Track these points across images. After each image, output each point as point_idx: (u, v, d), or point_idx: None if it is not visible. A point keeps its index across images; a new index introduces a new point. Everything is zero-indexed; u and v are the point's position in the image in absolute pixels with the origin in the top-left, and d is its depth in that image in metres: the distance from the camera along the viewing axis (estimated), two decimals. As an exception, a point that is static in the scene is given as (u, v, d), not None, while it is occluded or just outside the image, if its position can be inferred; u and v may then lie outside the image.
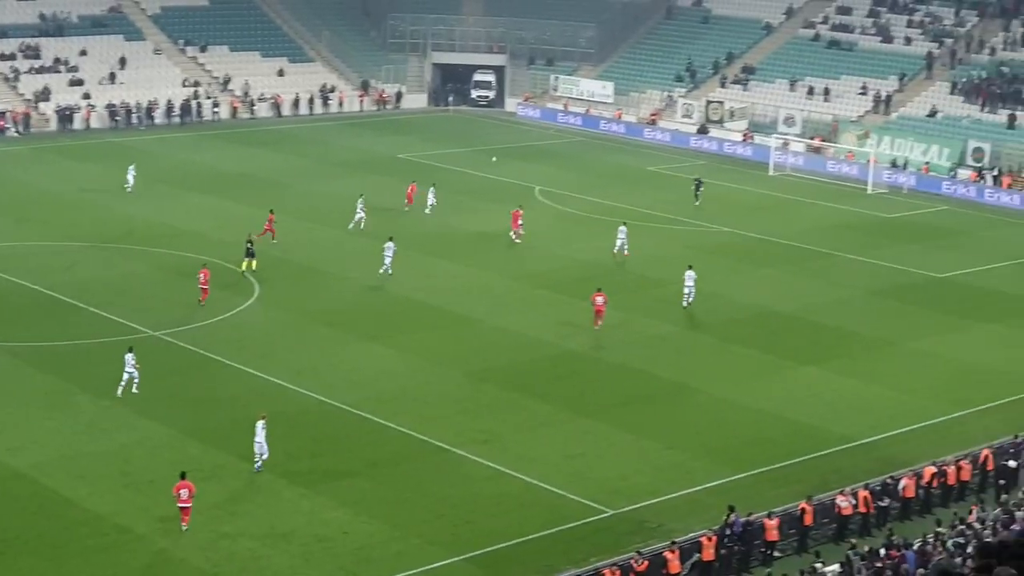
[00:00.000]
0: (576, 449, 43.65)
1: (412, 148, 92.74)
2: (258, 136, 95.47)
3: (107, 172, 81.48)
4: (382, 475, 41.41)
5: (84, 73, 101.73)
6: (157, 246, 65.15)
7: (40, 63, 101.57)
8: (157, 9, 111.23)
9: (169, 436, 43.31)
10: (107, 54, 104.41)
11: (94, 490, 39.51)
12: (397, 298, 58.79)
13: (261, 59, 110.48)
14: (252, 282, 59.56)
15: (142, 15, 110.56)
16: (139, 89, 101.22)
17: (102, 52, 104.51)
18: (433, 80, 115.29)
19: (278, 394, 47.22)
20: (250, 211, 70.99)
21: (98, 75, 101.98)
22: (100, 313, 55.05)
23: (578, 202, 77.61)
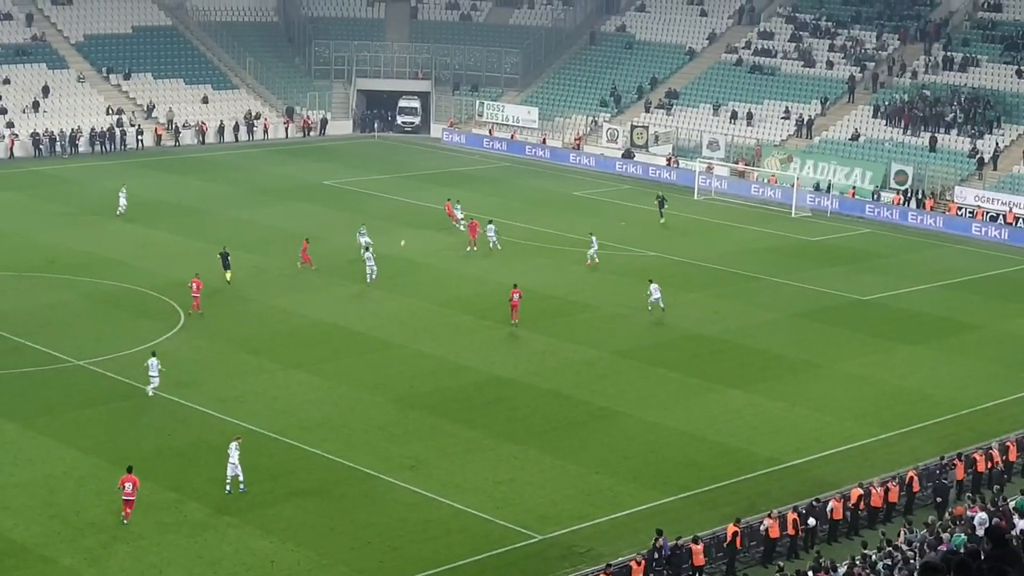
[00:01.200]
0: (504, 475, 43.70)
1: (338, 175, 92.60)
2: (183, 164, 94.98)
3: (30, 201, 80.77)
4: (308, 503, 41.25)
5: (7, 102, 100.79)
6: (81, 275, 64.60)
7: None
8: (80, 37, 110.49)
9: (95, 466, 42.92)
10: (30, 82, 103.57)
11: (19, 521, 39.08)
12: (321, 325, 58.63)
13: (185, 86, 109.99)
14: (177, 310, 59.18)
15: (65, 43, 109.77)
16: (63, 117, 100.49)
17: (25, 80, 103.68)
18: (358, 106, 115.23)
19: (203, 422, 46.95)
20: (174, 239, 70.58)
21: (21, 103, 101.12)
22: (24, 343, 54.49)
23: (504, 228, 77.66)
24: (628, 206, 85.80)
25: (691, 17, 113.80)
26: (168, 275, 64.75)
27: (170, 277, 64.35)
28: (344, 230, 74.45)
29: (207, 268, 62.04)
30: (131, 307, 60.04)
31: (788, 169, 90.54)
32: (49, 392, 49.18)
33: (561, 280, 66.86)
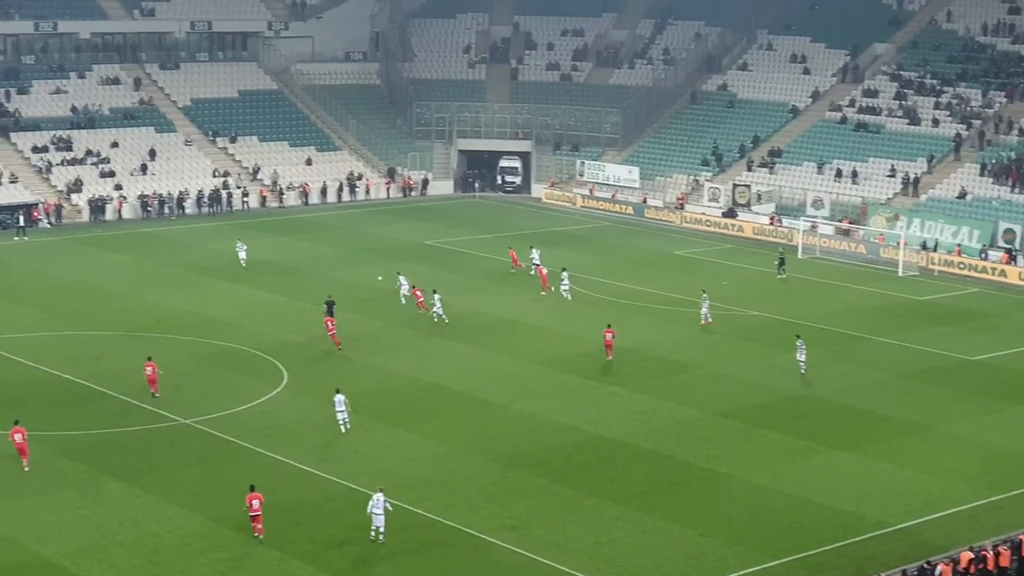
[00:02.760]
0: (606, 536, 43.30)
1: (438, 235, 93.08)
2: (287, 224, 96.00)
3: (137, 262, 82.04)
4: (410, 562, 41.13)
5: (115, 164, 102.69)
6: (186, 334, 65.34)
7: (72, 155, 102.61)
8: (187, 101, 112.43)
9: (199, 524, 43.17)
10: (138, 145, 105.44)
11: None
12: (421, 384, 58.72)
13: (289, 148, 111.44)
14: (280, 369, 59.63)
15: (173, 107, 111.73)
16: (170, 179, 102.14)
17: (133, 144, 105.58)
18: (459, 166, 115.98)
19: (305, 480, 47.09)
20: (278, 299, 71.30)
21: (129, 166, 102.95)
22: (130, 401, 55.14)
23: (604, 287, 77.59)
24: (730, 265, 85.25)
25: (794, 75, 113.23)
26: (272, 335, 65.35)
27: (274, 337, 64.96)
28: (445, 289, 74.66)
29: (311, 325, 62.44)
30: (235, 366, 60.57)
31: (895, 227, 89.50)
32: (155, 450, 49.61)
33: (662, 339, 66.47)
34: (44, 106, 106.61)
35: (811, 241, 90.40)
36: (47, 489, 45.79)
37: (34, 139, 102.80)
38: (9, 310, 69.62)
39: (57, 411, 53.97)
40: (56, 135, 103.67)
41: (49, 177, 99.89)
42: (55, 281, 77.11)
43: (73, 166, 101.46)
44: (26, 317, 68.07)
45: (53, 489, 45.82)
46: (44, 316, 68.55)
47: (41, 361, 60.28)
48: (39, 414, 53.21)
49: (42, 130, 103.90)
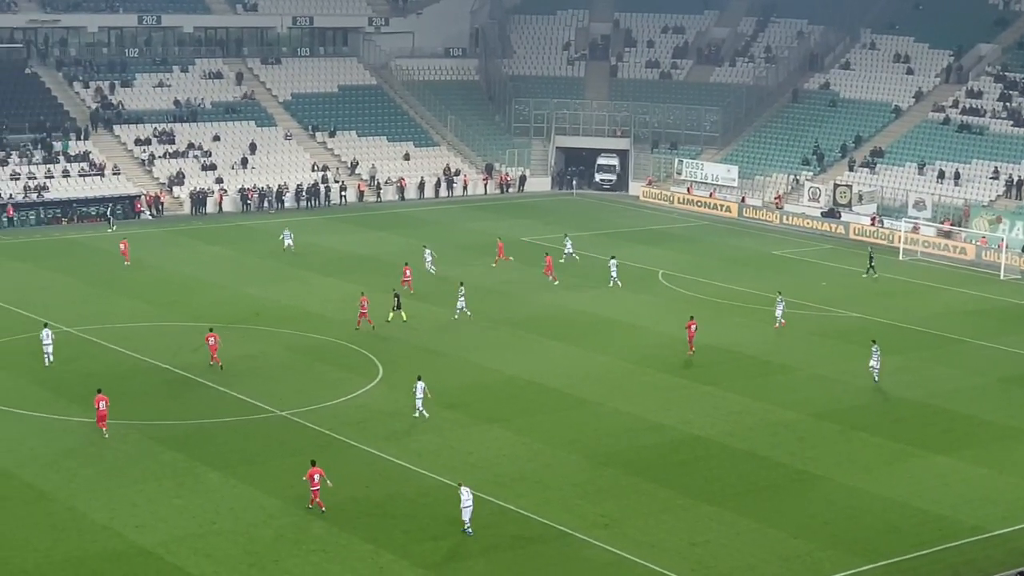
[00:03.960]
0: (700, 536, 43.04)
1: (535, 231, 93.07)
2: (383, 219, 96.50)
3: (236, 254, 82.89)
4: (502, 558, 41.14)
5: (217, 158, 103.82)
6: (284, 327, 65.88)
7: (174, 148, 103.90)
8: (288, 96, 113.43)
9: (294, 515, 43.47)
10: (239, 139, 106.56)
11: (220, 568, 39.70)
12: (516, 380, 58.74)
13: (388, 143, 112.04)
14: (376, 363, 59.94)
15: (273, 101, 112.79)
16: (269, 173, 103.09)
17: (234, 137, 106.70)
18: (557, 163, 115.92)
19: (399, 475, 47.27)
20: (374, 294, 71.55)
21: (230, 160, 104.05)
22: (228, 392, 55.71)
23: (701, 286, 77.18)
24: (830, 266, 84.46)
25: (897, 75, 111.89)
26: (367, 329, 65.61)
27: (369, 332, 65.24)
28: (541, 287, 74.81)
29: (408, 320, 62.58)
30: (331, 359, 60.96)
31: (997, 230, 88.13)
32: (251, 441, 50.09)
33: (758, 339, 65.99)
34: (147, 99, 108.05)
35: (912, 243, 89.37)
36: (145, 478, 46.36)
37: (137, 132, 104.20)
38: (111, 300, 70.61)
39: (156, 401, 54.65)
40: (159, 128, 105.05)
41: (151, 169, 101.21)
42: (156, 272, 78.11)
43: (175, 159, 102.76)
44: (128, 307, 69.01)
45: (151, 478, 46.38)
46: (145, 307, 69.47)
47: (141, 351, 61.08)
48: (138, 403, 53.94)
49: (145, 123, 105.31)
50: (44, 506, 43.69)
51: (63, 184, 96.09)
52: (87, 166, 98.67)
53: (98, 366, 59.11)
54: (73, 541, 41.17)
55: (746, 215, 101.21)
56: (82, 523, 42.45)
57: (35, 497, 44.36)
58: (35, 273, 77.39)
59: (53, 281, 75.37)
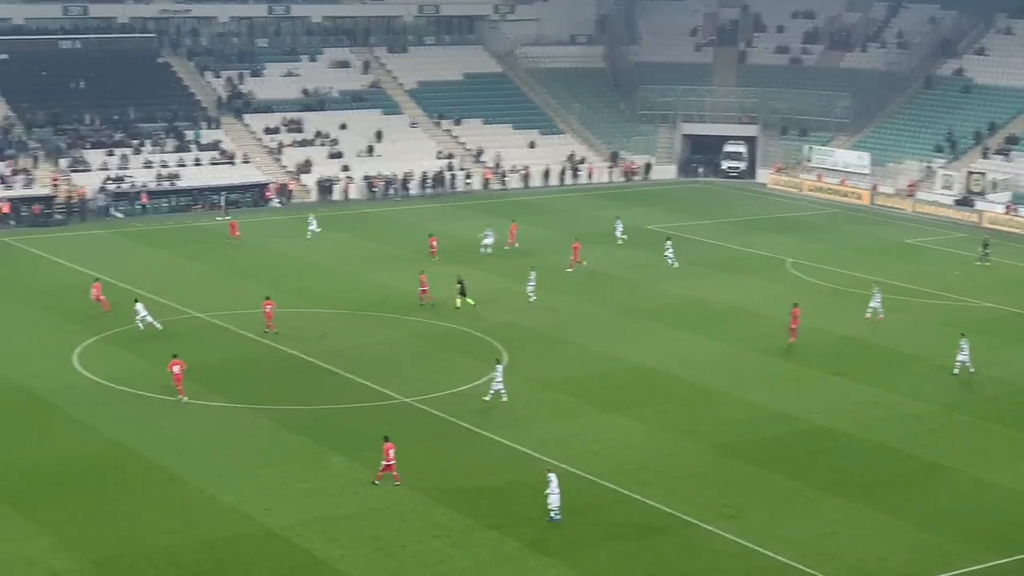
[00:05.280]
0: (827, 528, 42.44)
1: (661, 219, 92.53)
2: (508, 207, 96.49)
3: (363, 241, 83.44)
4: (626, 547, 40.92)
5: (343, 146, 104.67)
6: (410, 314, 66.18)
7: (302, 136, 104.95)
8: (414, 84, 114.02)
9: (418, 501, 43.66)
10: (365, 127, 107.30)
11: (345, 552, 40.00)
12: (640, 369, 58.42)
13: (513, 131, 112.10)
14: (501, 351, 59.96)
15: (399, 90, 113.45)
16: (395, 161, 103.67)
17: (361, 125, 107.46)
18: (683, 151, 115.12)
19: (523, 462, 47.24)
20: (499, 281, 71.63)
21: (356, 148, 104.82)
22: (354, 379, 56.11)
23: (831, 275, 76.18)
24: (963, 255, 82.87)
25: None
26: (493, 316, 65.79)
27: (495, 318, 65.39)
28: (667, 274, 74.42)
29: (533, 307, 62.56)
30: (457, 347, 61.11)
31: None
32: (376, 427, 50.33)
33: (889, 329, 64.94)
34: (276, 88, 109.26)
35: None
36: (272, 462, 46.86)
37: (266, 120, 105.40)
38: (239, 286, 71.50)
39: (283, 386, 55.20)
40: (287, 117, 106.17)
41: (280, 158, 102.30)
42: (284, 259, 78.93)
43: (303, 147, 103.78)
44: (256, 294, 69.71)
45: (278, 462, 46.87)
46: (272, 293, 70.04)
47: (269, 337, 61.72)
48: (266, 388, 54.55)
49: (274, 112, 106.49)
50: (175, 488, 44.35)
51: (194, 172, 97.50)
52: (218, 154, 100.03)
53: (227, 351, 59.89)
54: (203, 523, 41.75)
55: (878, 203, 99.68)
56: (212, 505, 43.03)
57: (166, 479, 45.05)
58: (167, 259, 78.62)
59: (184, 267, 76.51)
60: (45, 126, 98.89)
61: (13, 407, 51.78)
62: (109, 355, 58.18)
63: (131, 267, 75.42)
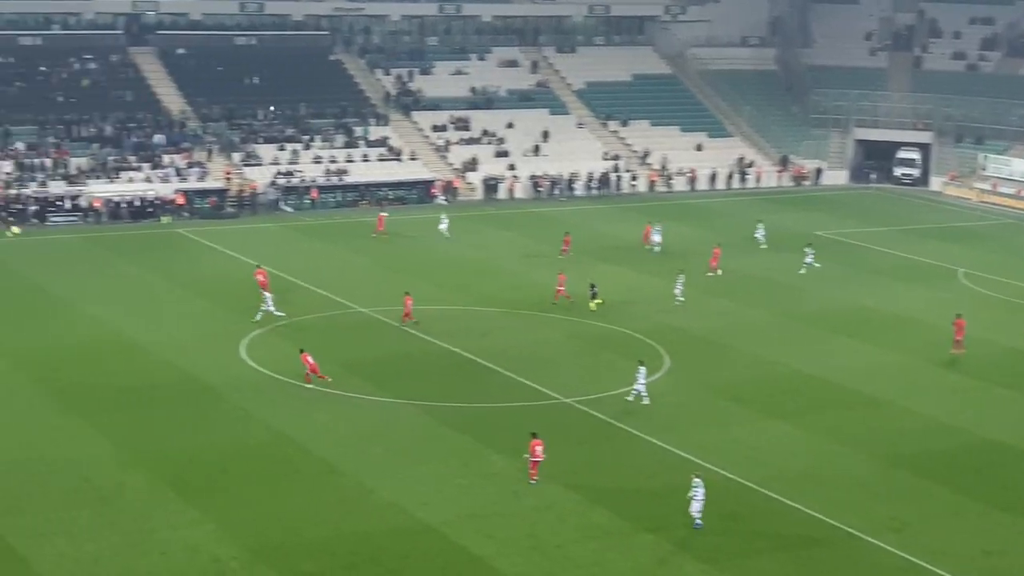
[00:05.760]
0: (994, 545, 41.28)
1: (831, 225, 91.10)
2: (674, 209, 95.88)
3: (527, 241, 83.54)
4: (786, 557, 40.26)
5: (510, 145, 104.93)
6: (571, 315, 66.03)
7: (469, 134, 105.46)
8: (582, 84, 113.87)
9: (576, 502, 43.49)
10: (532, 127, 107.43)
11: (501, 550, 39.98)
12: (802, 375, 57.53)
13: (680, 133, 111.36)
14: (662, 354, 59.53)
15: (567, 90, 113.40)
16: (561, 161, 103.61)
17: (528, 125, 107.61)
18: (855, 156, 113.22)
19: (682, 467, 46.72)
20: (662, 283, 71.10)
21: (523, 147, 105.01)
22: (514, 377, 56.13)
23: (1004, 287, 74.25)
24: None
25: None
26: (655, 319, 65.38)
27: (657, 321, 64.96)
28: (833, 282, 73.26)
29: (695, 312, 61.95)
30: (617, 348, 60.78)
31: None
32: (535, 427, 50.20)
33: (1065, 344, 63.13)
34: (445, 86, 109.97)
35: None
36: (432, 458, 47.06)
37: (434, 118, 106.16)
38: (404, 283, 71.94)
39: (444, 383, 55.42)
40: (455, 115, 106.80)
41: (447, 155, 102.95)
42: (447, 256, 79.35)
43: (470, 145, 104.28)
44: (419, 291, 70.15)
45: (438, 458, 47.05)
46: (435, 290, 70.59)
47: (431, 334, 62.07)
48: (428, 385, 54.82)
49: (442, 110, 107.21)
50: (335, 480, 44.79)
51: (362, 168, 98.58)
52: (385, 151, 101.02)
53: (390, 347, 60.35)
54: (361, 516, 42.08)
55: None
56: (370, 499, 43.36)
57: (327, 472, 45.52)
58: (334, 254, 79.59)
59: (349, 262, 77.36)
60: (219, 120, 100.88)
61: (182, 395, 52.81)
62: (276, 347, 59.03)
63: (298, 260, 76.48)
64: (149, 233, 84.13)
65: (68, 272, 72.62)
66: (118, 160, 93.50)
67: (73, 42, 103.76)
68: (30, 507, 41.57)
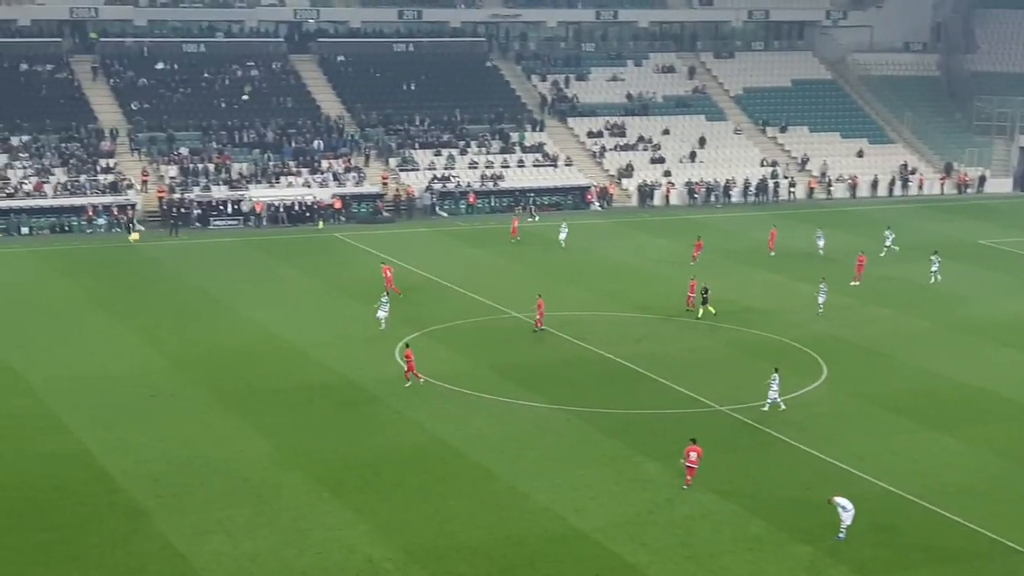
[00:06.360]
0: None
1: (995, 234, 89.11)
2: (832, 217, 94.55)
3: (682, 247, 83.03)
4: (945, 570, 39.33)
5: (666, 151, 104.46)
6: (725, 322, 65.44)
7: (624, 141, 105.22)
8: (739, 90, 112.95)
9: (732, 512, 42.99)
10: (688, 133, 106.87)
11: (655, 559, 39.67)
12: (966, 387, 56.23)
13: (840, 140, 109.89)
14: (820, 362, 58.68)
15: (725, 96, 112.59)
16: (718, 167, 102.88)
17: (684, 131, 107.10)
18: (1020, 164, 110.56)
19: (839, 477, 45.98)
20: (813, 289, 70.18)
21: (679, 153, 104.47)
22: (668, 384, 55.76)
23: None
24: None
25: None
26: (812, 327, 64.51)
27: (814, 329, 64.08)
28: (994, 290, 71.58)
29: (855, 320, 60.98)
30: (774, 357, 59.95)
31: None
32: (690, 434, 49.83)
33: None
34: (601, 92, 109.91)
35: None
36: (586, 463, 46.89)
37: (589, 124, 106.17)
38: (557, 288, 71.98)
39: (598, 389, 55.23)
40: (610, 121, 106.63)
41: (602, 161, 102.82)
42: (602, 262, 79.19)
43: (625, 152, 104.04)
44: (572, 296, 70.22)
45: (591, 464, 46.87)
46: (590, 296, 70.46)
47: (585, 339, 61.95)
48: (581, 391, 54.69)
49: (597, 116, 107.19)
50: (489, 485, 44.86)
51: (517, 174, 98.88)
52: (541, 157, 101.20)
53: (543, 352, 60.36)
54: (515, 520, 42.07)
55: None
56: (524, 503, 43.34)
57: (481, 476, 45.61)
58: (487, 260, 79.90)
59: (504, 268, 77.59)
60: (377, 126, 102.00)
61: (338, 397, 53.39)
62: (431, 351, 59.38)
63: (452, 265, 76.95)
64: (306, 237, 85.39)
65: (228, 275, 74.00)
66: (278, 165, 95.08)
67: (236, 49, 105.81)
68: (190, 505, 42.33)
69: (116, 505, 42.20)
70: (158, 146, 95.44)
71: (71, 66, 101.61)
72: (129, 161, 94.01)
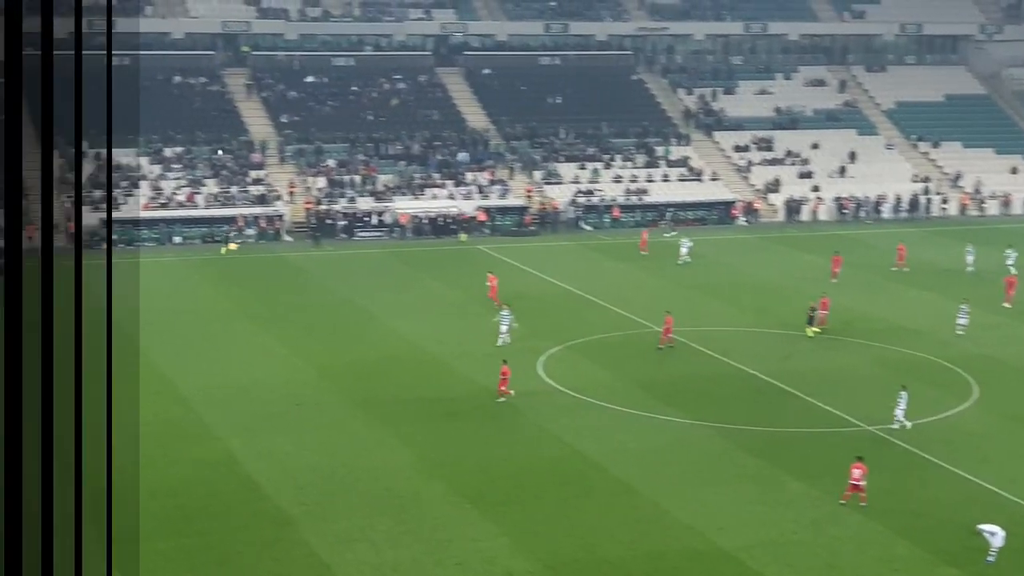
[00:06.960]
0: None
1: None
2: (984, 234, 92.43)
3: (829, 263, 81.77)
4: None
5: (815, 165, 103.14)
6: (874, 340, 64.31)
7: (772, 155, 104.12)
8: (891, 104, 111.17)
9: (878, 533, 42.13)
10: (838, 147, 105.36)
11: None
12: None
13: (995, 156, 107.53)
14: (971, 383, 57.36)
15: (876, 110, 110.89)
16: (868, 183, 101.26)
17: (834, 145, 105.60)
18: None
19: (990, 501, 44.83)
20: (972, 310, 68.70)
21: (828, 168, 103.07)
22: (814, 403, 54.91)
23: None
24: None
25: None
26: (963, 346, 63.16)
27: (965, 348, 62.73)
28: None
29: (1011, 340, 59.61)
30: (923, 376, 58.82)
31: None
32: (835, 454, 48.94)
33: None
34: (748, 106, 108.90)
35: None
36: (728, 481, 46.34)
37: (736, 138, 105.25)
38: (702, 303, 71.42)
39: (741, 406, 54.58)
40: (757, 135, 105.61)
41: (748, 176, 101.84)
42: (747, 278, 78.37)
43: (772, 166, 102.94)
44: (718, 311, 69.57)
45: (734, 482, 46.30)
46: (735, 312, 69.76)
47: (729, 355, 61.31)
48: (725, 407, 54.10)
49: (744, 130, 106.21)
50: (630, 500, 44.52)
51: (662, 188, 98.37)
52: (686, 171, 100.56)
53: (686, 367, 59.89)
54: (656, 536, 41.69)
55: None
56: (665, 520, 42.93)
57: (622, 491, 45.29)
58: (631, 274, 79.54)
59: (645, 282, 77.14)
60: (522, 139, 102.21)
61: (479, 409, 53.46)
62: (573, 364, 59.24)
63: (596, 279, 76.73)
64: (450, 249, 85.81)
65: (373, 286, 74.62)
66: (423, 177, 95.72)
67: (384, 63, 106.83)
68: (334, 514, 42.63)
69: (262, 512, 42.66)
70: (306, 158, 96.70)
71: (223, 79, 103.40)
72: (278, 172, 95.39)
